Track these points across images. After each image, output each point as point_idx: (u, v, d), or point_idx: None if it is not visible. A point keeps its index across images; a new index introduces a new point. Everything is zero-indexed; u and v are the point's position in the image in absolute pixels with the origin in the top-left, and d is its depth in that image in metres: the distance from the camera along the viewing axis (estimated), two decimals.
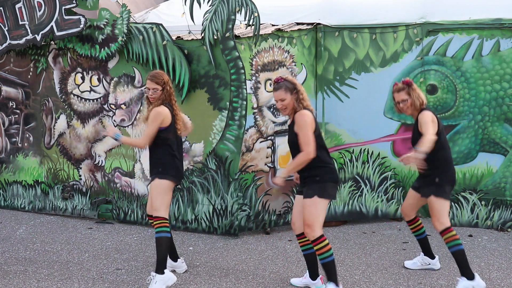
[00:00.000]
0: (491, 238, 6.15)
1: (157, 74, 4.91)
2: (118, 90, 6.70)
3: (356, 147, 6.65)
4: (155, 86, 4.83)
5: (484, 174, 6.53)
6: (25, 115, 7.37)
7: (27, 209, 7.37)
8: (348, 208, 6.64)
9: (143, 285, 4.94)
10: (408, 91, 4.84)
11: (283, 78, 4.61)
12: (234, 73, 6.00)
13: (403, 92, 4.85)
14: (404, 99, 4.84)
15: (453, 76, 6.54)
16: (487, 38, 6.42)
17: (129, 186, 6.74)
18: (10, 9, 6.90)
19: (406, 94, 4.84)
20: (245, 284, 4.97)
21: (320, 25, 6.63)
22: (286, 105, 4.55)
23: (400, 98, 4.86)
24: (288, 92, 4.53)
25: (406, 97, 4.84)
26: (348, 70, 6.65)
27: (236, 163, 6.08)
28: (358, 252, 5.72)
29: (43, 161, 7.28)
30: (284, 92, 4.53)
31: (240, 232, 6.23)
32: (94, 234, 6.41)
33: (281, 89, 4.55)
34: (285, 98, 4.54)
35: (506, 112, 6.43)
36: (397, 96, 4.89)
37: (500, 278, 5.07)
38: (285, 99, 4.54)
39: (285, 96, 4.53)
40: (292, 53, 6.44)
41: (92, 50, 6.65)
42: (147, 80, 4.86)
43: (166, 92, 4.86)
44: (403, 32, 6.61)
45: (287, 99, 4.54)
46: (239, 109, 6.03)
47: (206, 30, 5.97)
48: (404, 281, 5.00)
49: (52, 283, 5.00)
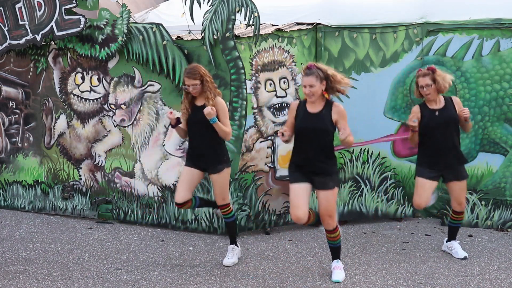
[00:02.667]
0: (491, 238, 6.15)
1: (193, 69, 5.20)
2: (118, 90, 6.70)
3: (356, 147, 6.65)
4: (193, 82, 5.12)
5: (484, 174, 6.53)
6: (25, 115, 7.37)
7: (27, 209, 7.37)
8: (348, 208, 6.64)
9: (143, 285, 4.94)
10: (433, 76, 5.28)
11: (315, 66, 4.79)
12: (234, 73, 6.01)
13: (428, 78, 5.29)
14: (428, 84, 5.28)
15: (453, 76, 6.54)
16: (487, 38, 6.42)
17: (129, 186, 6.74)
18: (10, 9, 6.90)
19: (431, 80, 5.28)
20: (245, 284, 4.97)
21: (320, 25, 6.63)
22: (315, 92, 4.74)
23: (425, 82, 5.29)
24: (318, 80, 4.73)
25: (430, 82, 5.28)
26: (348, 70, 6.64)
27: (236, 163, 6.08)
28: (358, 252, 5.72)
29: (43, 161, 7.28)
30: (315, 79, 4.73)
31: (240, 232, 6.23)
32: (94, 234, 6.41)
33: (313, 76, 4.72)
34: (315, 85, 4.73)
35: (506, 112, 6.43)
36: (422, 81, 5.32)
37: (500, 278, 5.07)
38: (314, 86, 4.73)
39: (315, 83, 4.73)
40: (292, 53, 6.44)
41: (92, 50, 6.65)
42: (185, 78, 5.17)
43: (206, 83, 5.14)
44: (403, 32, 6.61)
45: (316, 87, 4.73)
46: (239, 109, 6.04)
47: (206, 30, 5.97)
48: (404, 281, 5.00)
49: (52, 283, 5.01)
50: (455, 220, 5.55)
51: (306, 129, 4.82)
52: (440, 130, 5.34)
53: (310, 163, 4.79)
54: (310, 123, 4.81)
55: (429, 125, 5.35)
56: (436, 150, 5.37)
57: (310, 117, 4.81)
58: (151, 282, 5.02)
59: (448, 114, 5.35)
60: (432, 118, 5.36)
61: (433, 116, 5.36)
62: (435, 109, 5.37)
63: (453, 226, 5.61)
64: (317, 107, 4.82)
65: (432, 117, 5.36)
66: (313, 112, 4.81)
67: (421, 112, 5.41)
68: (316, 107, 4.83)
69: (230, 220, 5.45)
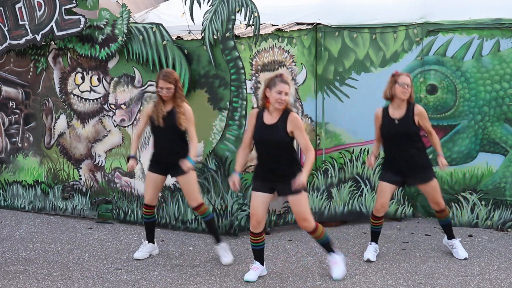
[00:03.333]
0: (491, 238, 6.15)
1: (169, 73, 5.28)
2: (118, 90, 6.70)
3: (356, 147, 6.65)
4: (168, 85, 5.20)
5: (484, 174, 6.53)
6: (25, 115, 7.37)
7: (27, 209, 7.37)
8: (348, 208, 6.64)
9: (143, 285, 4.94)
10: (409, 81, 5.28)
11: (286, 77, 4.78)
12: (234, 73, 6.01)
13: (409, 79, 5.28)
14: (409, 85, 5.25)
15: (453, 76, 6.55)
16: (487, 38, 6.42)
17: (129, 186, 6.74)
18: (10, 9, 6.90)
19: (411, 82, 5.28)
20: (245, 284, 4.97)
21: (320, 25, 6.63)
22: (287, 101, 4.71)
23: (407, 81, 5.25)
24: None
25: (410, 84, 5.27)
26: (348, 70, 6.65)
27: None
28: (358, 252, 5.72)
29: (43, 161, 7.28)
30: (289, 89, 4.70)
31: (240, 232, 6.23)
32: (94, 234, 6.41)
33: (288, 84, 4.70)
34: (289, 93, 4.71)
35: (506, 112, 6.43)
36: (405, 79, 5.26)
37: (500, 278, 5.07)
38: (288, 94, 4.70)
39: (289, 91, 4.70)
40: (292, 53, 6.44)
41: (92, 50, 6.65)
42: (160, 80, 5.21)
43: (179, 90, 5.26)
44: (403, 32, 6.61)
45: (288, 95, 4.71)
46: (239, 109, 6.03)
47: (206, 30, 5.97)
48: (404, 281, 5.00)
49: (52, 283, 5.00)
50: (441, 218, 5.53)
51: (262, 141, 4.79)
52: (398, 139, 5.29)
53: (273, 172, 4.79)
54: (265, 135, 4.75)
55: (388, 133, 5.34)
56: (396, 156, 5.33)
57: (265, 128, 4.75)
58: (151, 282, 5.02)
59: (407, 126, 5.26)
60: (391, 127, 5.31)
61: (392, 124, 5.30)
62: (395, 118, 5.30)
63: (444, 225, 5.59)
64: (274, 117, 4.74)
65: (391, 125, 5.31)
66: (269, 124, 4.74)
67: (382, 117, 5.37)
68: (272, 118, 4.74)
69: (207, 218, 5.49)
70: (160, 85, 5.22)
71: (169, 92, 5.22)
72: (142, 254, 5.59)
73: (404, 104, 5.30)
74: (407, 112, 5.28)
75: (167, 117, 5.25)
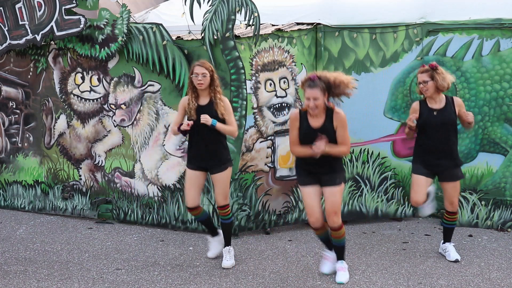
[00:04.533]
0: (491, 238, 6.15)
1: (204, 62, 5.21)
2: (118, 90, 6.70)
3: (356, 147, 6.65)
4: (204, 71, 5.11)
5: (484, 174, 6.53)
6: (25, 115, 7.37)
7: (27, 209, 7.37)
8: (348, 208, 6.64)
9: (143, 285, 4.94)
10: (432, 74, 5.23)
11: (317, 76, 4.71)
12: (234, 73, 6.01)
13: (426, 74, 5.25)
14: (425, 80, 5.23)
15: (454, 77, 6.53)
16: (487, 38, 6.42)
17: (129, 186, 6.74)
18: (10, 9, 6.90)
19: (429, 77, 5.23)
20: (245, 284, 4.97)
21: (320, 25, 6.63)
22: (319, 105, 4.69)
23: (422, 79, 5.25)
24: (322, 92, 4.67)
25: (428, 79, 5.23)
26: (348, 70, 6.64)
27: (236, 163, 6.08)
28: (358, 252, 5.72)
29: (43, 161, 7.28)
30: (320, 92, 4.66)
31: (240, 232, 6.23)
32: (94, 234, 6.41)
33: (317, 88, 4.65)
34: (319, 98, 4.66)
35: (506, 112, 6.43)
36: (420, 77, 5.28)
37: (500, 278, 5.07)
38: (318, 99, 4.66)
39: (319, 96, 4.66)
40: (292, 53, 6.44)
41: (92, 50, 6.65)
42: (195, 67, 5.13)
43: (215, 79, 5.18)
44: (403, 32, 6.61)
45: (320, 99, 4.67)
46: (239, 109, 6.03)
47: (206, 30, 5.97)
48: (404, 281, 5.00)
49: (52, 283, 5.01)
50: (448, 220, 5.50)
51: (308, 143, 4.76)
52: (437, 130, 5.28)
53: (316, 165, 4.79)
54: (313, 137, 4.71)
55: (427, 124, 5.31)
56: (431, 149, 5.32)
57: (314, 133, 4.72)
58: (151, 282, 5.03)
59: (447, 116, 5.28)
60: (430, 117, 5.30)
61: (431, 115, 5.30)
62: (434, 109, 5.31)
63: (447, 227, 5.56)
64: (319, 119, 4.75)
65: (430, 116, 5.30)
66: (317, 127, 4.74)
67: (420, 109, 5.36)
68: (318, 120, 4.75)
69: (228, 221, 5.44)
70: (196, 71, 5.12)
71: (204, 79, 5.10)
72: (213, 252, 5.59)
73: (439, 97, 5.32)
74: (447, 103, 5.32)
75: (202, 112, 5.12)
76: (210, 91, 5.19)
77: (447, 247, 5.55)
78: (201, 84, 5.13)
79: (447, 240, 5.58)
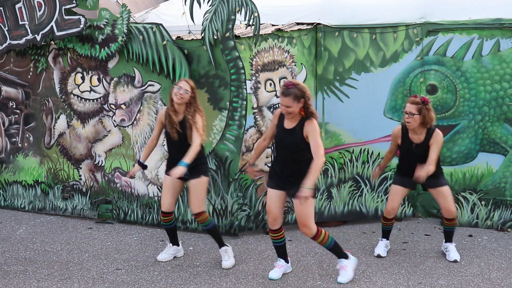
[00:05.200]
0: (491, 238, 6.15)
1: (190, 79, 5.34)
2: (118, 90, 6.70)
3: (356, 147, 6.65)
4: (188, 88, 5.16)
5: (484, 174, 6.53)
6: (25, 115, 7.37)
7: (27, 209, 7.37)
8: (348, 208, 6.64)
9: (143, 285, 4.94)
10: (421, 108, 5.17)
11: (293, 84, 4.69)
12: (234, 73, 6.01)
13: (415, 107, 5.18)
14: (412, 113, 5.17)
15: (453, 76, 6.55)
16: (487, 38, 6.42)
17: (129, 186, 6.74)
18: (10, 9, 6.90)
19: (417, 110, 5.17)
20: (245, 284, 4.97)
21: (320, 25, 6.62)
22: (292, 112, 4.69)
23: (409, 110, 5.20)
24: (295, 100, 4.64)
25: (415, 112, 5.17)
26: (348, 70, 6.64)
27: (236, 163, 6.08)
28: (358, 252, 5.72)
29: (43, 161, 7.28)
30: (292, 100, 4.64)
31: (240, 232, 6.23)
32: (94, 234, 6.41)
33: (290, 96, 4.64)
34: (292, 106, 4.66)
35: (506, 112, 6.43)
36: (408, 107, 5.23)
37: (500, 278, 5.07)
38: (291, 107, 4.65)
39: (292, 104, 4.65)
40: (292, 53, 6.44)
41: (92, 50, 6.65)
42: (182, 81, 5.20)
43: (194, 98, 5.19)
44: (403, 32, 6.61)
45: (293, 107, 4.66)
46: (239, 109, 6.03)
47: (206, 30, 5.97)
48: (404, 281, 5.00)
49: (52, 283, 5.01)
50: (448, 226, 5.55)
51: (280, 145, 4.86)
52: (415, 159, 5.32)
53: (287, 173, 4.81)
54: (283, 139, 4.81)
55: (406, 153, 5.40)
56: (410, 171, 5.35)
57: (285, 132, 4.79)
58: (151, 282, 5.03)
59: (425, 149, 5.26)
60: (409, 148, 5.35)
61: (410, 147, 5.35)
62: (413, 142, 5.33)
63: (447, 231, 5.59)
64: (293, 122, 4.77)
65: (410, 147, 5.35)
66: (288, 128, 4.78)
67: (402, 135, 5.41)
68: (291, 123, 4.77)
69: (209, 227, 5.34)
70: (181, 84, 5.15)
71: (184, 97, 5.11)
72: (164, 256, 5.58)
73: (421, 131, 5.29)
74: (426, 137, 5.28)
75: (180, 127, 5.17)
76: (186, 109, 5.17)
77: (449, 247, 5.58)
78: (181, 99, 5.13)
79: (448, 240, 5.60)
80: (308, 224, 4.78)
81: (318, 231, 4.83)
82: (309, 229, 4.79)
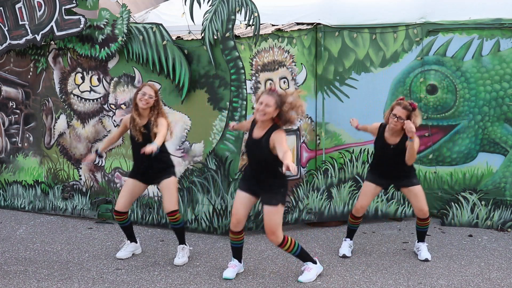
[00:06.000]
0: (491, 238, 6.15)
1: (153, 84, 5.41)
2: (118, 90, 6.70)
3: (356, 147, 6.65)
4: (152, 93, 5.23)
5: (484, 174, 6.53)
6: (25, 115, 7.37)
7: (27, 209, 7.37)
8: (348, 208, 6.63)
9: (143, 285, 4.94)
10: (409, 114, 5.16)
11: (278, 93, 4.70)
12: (234, 73, 6.01)
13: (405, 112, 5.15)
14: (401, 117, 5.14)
15: (453, 76, 6.55)
16: (487, 38, 6.43)
17: None
18: (10, 9, 6.90)
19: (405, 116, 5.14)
20: (245, 284, 4.97)
21: (320, 25, 6.63)
22: (267, 113, 4.63)
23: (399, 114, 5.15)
24: (276, 105, 4.63)
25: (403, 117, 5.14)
26: (348, 70, 6.65)
27: (236, 163, 6.08)
28: (358, 252, 5.72)
29: (43, 161, 7.28)
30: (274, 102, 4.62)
31: None
32: (94, 234, 6.41)
33: (273, 97, 4.63)
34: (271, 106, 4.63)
35: (506, 112, 6.43)
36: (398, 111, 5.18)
37: (500, 278, 5.07)
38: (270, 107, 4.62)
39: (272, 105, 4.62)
40: (292, 53, 6.44)
41: (92, 50, 6.65)
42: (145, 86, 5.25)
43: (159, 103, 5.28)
44: (403, 32, 6.61)
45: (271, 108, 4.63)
46: (239, 109, 6.03)
47: (206, 30, 5.97)
48: (404, 281, 5.00)
49: (52, 283, 5.01)
50: (421, 226, 5.54)
51: (248, 155, 4.89)
52: (388, 159, 5.35)
53: (256, 179, 4.83)
54: (250, 149, 4.82)
55: (381, 152, 5.41)
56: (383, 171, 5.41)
57: (252, 142, 4.78)
58: (151, 282, 5.03)
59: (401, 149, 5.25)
60: (385, 149, 5.36)
61: (386, 148, 5.34)
62: (390, 144, 5.32)
63: (419, 230, 5.58)
64: (261, 131, 4.72)
65: (385, 148, 5.35)
66: (255, 138, 4.75)
67: (378, 134, 5.41)
68: (260, 131, 4.73)
69: (178, 226, 5.43)
70: (145, 90, 5.20)
71: (149, 101, 5.19)
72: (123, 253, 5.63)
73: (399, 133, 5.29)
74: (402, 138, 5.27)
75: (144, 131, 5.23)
76: (150, 112, 5.25)
77: (420, 246, 5.59)
78: (146, 104, 5.20)
79: (420, 240, 5.62)
80: (276, 232, 4.78)
81: (284, 239, 4.85)
82: (277, 237, 4.80)
